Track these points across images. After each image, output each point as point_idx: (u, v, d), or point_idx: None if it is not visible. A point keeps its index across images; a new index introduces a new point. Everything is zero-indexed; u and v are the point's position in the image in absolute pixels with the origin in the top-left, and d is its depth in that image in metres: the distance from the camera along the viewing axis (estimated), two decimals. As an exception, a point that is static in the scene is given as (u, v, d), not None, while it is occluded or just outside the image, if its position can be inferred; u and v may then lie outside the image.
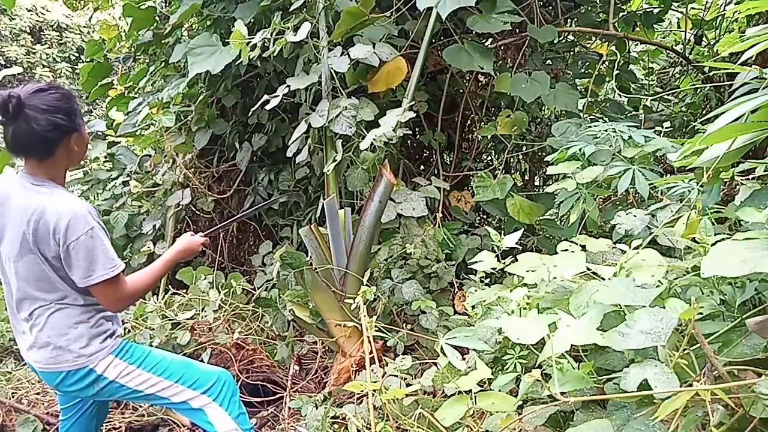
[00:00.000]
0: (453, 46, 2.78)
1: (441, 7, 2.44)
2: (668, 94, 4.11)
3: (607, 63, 3.74)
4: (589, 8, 3.51)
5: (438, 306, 2.66)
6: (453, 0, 2.44)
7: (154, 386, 1.79)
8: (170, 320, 2.89)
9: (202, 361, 2.80)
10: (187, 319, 2.91)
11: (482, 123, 3.47)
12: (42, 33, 12.62)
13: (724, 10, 3.86)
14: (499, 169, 3.25)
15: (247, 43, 2.60)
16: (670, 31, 4.80)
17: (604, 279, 1.48)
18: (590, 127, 2.33)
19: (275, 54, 2.62)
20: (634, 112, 3.53)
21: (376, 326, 1.87)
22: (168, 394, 1.82)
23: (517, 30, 3.12)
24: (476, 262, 1.82)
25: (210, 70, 2.76)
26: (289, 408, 2.61)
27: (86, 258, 1.58)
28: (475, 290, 1.86)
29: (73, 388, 1.74)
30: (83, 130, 1.72)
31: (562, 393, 1.20)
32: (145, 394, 1.80)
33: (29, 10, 12.31)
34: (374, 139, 2.42)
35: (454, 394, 1.57)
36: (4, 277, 1.73)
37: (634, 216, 1.87)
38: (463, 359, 1.55)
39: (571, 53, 3.65)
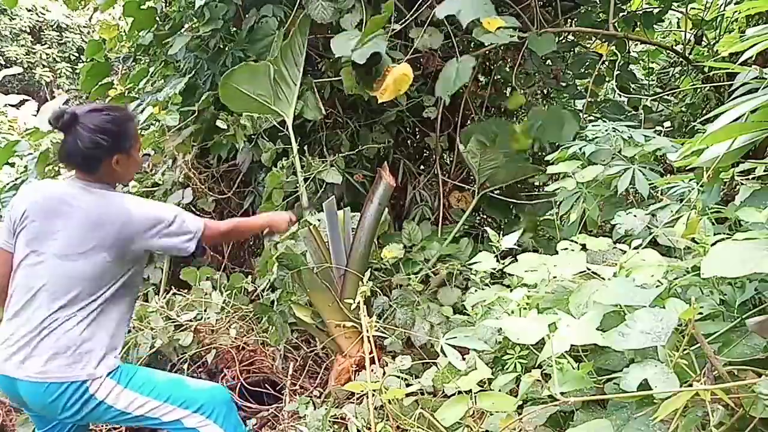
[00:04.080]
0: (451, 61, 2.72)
1: (463, 16, 2.44)
2: (668, 94, 4.11)
3: (607, 63, 3.74)
4: (589, 8, 3.51)
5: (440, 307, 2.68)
6: (473, 9, 2.43)
7: (142, 407, 1.74)
8: (173, 322, 2.88)
9: (205, 362, 2.80)
10: (189, 320, 2.91)
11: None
12: (42, 33, 12.63)
13: (724, 10, 3.86)
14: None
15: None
16: (670, 31, 4.80)
17: (604, 279, 1.48)
18: (589, 127, 2.33)
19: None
20: (634, 112, 3.53)
21: (375, 326, 1.87)
22: (158, 414, 1.76)
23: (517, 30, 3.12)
24: (476, 262, 1.82)
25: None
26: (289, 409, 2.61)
27: (181, 235, 1.79)
28: (475, 290, 1.86)
29: (62, 407, 1.66)
30: (133, 153, 1.81)
31: (562, 393, 1.20)
32: (134, 416, 1.74)
33: (29, 10, 12.32)
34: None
35: (454, 394, 1.57)
36: (30, 275, 1.69)
37: (634, 216, 1.87)
38: (463, 359, 1.55)
39: (571, 53, 3.66)
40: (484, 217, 3.82)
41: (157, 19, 3.58)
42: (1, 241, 1.78)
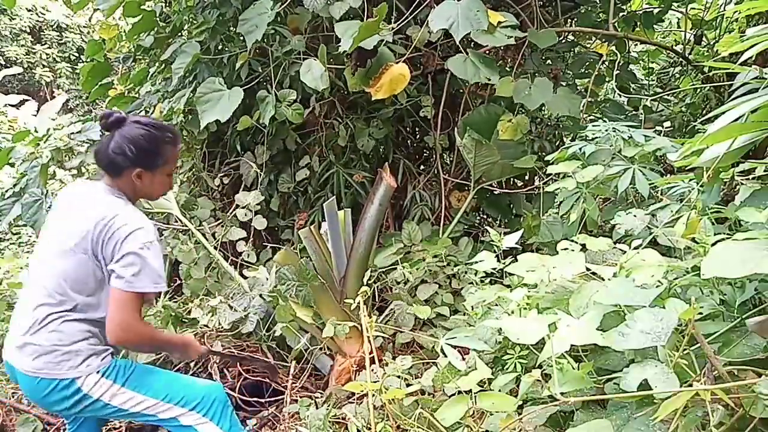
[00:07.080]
0: (457, 56, 2.72)
1: (455, 30, 2.44)
2: (668, 94, 4.11)
3: (607, 63, 3.74)
4: (589, 8, 3.51)
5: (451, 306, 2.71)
6: (466, 23, 2.44)
7: (138, 405, 1.76)
8: (174, 323, 2.88)
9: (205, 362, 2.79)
10: (190, 319, 2.91)
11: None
12: (42, 33, 12.61)
13: (724, 10, 3.86)
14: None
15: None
16: (670, 31, 4.80)
17: (604, 279, 1.48)
18: (589, 127, 2.33)
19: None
20: (634, 112, 3.53)
21: (376, 326, 1.87)
22: (154, 411, 1.78)
23: (518, 30, 3.12)
24: (476, 262, 1.82)
25: (220, 119, 2.91)
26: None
27: (138, 267, 1.65)
28: (476, 290, 1.86)
29: (57, 402, 1.70)
30: (158, 173, 1.81)
31: (562, 393, 1.20)
32: (130, 412, 1.77)
33: (29, 10, 12.29)
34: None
35: (454, 394, 1.57)
36: (32, 273, 1.77)
37: (634, 216, 1.87)
38: (463, 359, 1.55)
39: (571, 53, 3.65)
40: (484, 216, 3.82)
41: (157, 20, 3.57)
42: None
